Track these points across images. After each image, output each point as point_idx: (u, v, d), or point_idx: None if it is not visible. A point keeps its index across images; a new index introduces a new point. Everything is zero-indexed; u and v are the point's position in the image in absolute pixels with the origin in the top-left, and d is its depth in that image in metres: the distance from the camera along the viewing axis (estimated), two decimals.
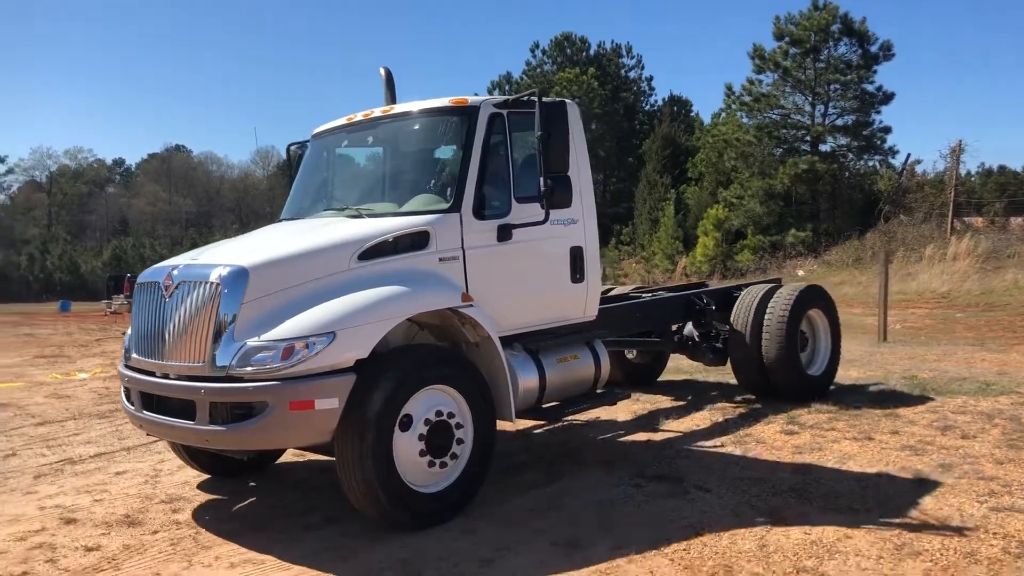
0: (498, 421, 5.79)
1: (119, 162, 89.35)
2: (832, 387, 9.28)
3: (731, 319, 8.74)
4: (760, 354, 8.54)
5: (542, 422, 7.74)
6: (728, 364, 9.07)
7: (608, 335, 7.35)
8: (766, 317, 8.54)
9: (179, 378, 5.24)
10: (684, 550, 4.81)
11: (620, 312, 8.30)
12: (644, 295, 9.57)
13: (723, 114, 41.14)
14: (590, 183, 6.64)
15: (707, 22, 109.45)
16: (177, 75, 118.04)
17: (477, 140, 5.84)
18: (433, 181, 6.08)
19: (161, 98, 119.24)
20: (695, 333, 9.14)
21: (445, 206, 5.72)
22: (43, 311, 40.98)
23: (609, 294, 9.58)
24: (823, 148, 36.71)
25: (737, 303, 8.82)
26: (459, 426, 5.41)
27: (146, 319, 5.56)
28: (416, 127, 6.41)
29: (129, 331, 5.84)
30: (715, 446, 7.19)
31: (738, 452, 6.91)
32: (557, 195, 5.73)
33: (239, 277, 5.06)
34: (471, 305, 5.62)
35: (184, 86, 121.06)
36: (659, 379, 10.57)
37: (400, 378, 5.10)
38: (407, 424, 5.16)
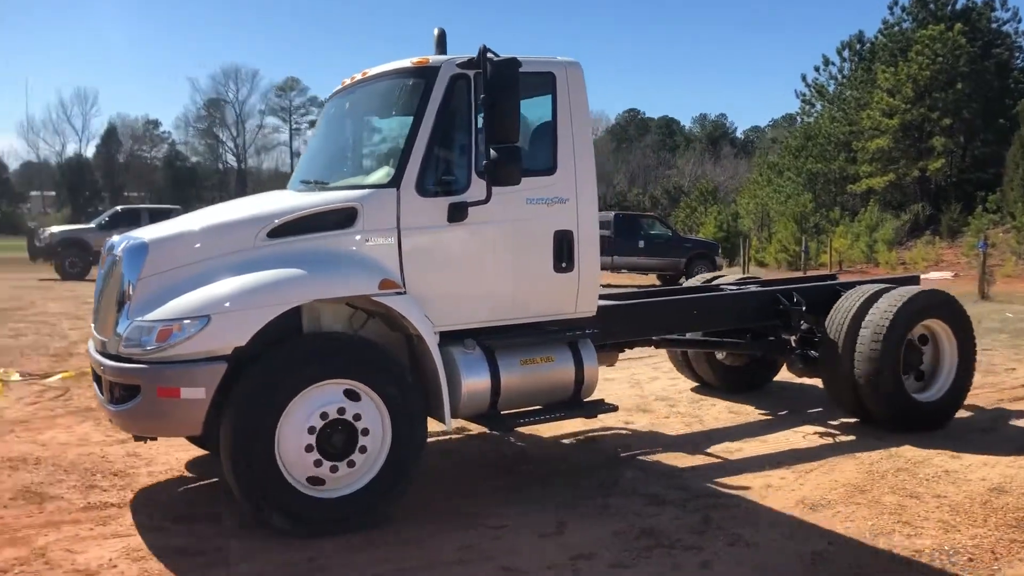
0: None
1: None
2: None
3: (826, 323, 7.34)
4: (852, 369, 7.10)
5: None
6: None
7: (606, 336, 6.26)
8: (863, 324, 7.10)
9: (100, 353, 5.08)
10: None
11: (656, 309, 7.32)
12: (731, 287, 8.34)
13: None
14: (590, 157, 5.73)
15: None
16: None
17: (431, 106, 5.17)
18: (378, 152, 5.65)
19: None
20: (791, 337, 7.73)
21: (386, 180, 5.16)
22: None
23: (713, 282, 8.79)
24: None
25: (836, 305, 7.38)
26: (366, 432, 4.83)
27: (96, 289, 5.58)
28: (380, 91, 5.87)
29: None
30: None
31: None
32: (502, 169, 4.97)
33: (139, 251, 4.85)
34: (399, 292, 5.00)
35: None
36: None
37: (284, 371, 4.63)
38: (295, 422, 4.66)
